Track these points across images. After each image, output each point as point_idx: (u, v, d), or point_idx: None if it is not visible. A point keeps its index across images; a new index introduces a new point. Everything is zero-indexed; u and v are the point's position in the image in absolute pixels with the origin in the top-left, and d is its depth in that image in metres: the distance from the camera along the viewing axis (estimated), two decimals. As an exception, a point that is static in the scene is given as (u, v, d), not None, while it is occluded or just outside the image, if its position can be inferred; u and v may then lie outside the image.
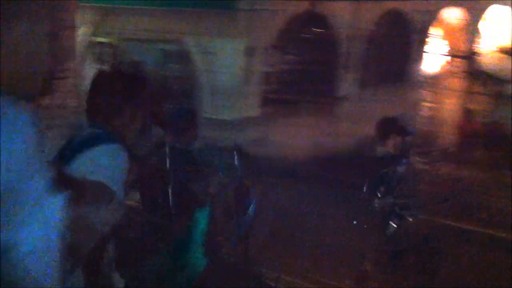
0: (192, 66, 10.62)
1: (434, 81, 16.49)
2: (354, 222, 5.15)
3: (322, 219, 6.72)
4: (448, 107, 16.64)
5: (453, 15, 16.29)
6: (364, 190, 5.08)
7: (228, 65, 10.29)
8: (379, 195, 5.06)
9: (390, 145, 5.82)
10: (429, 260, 5.64)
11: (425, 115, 16.18)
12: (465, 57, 16.63)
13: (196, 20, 10.21)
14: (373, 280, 5.10)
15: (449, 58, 16.82)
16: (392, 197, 5.07)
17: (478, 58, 16.99)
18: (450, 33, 16.73)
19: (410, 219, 4.95)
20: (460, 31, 16.65)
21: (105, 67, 2.87)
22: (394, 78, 14.26)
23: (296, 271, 5.63)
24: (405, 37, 14.51)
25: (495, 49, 18.47)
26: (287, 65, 11.57)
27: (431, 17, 15.15)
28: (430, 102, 16.60)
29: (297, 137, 9.63)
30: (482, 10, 17.15)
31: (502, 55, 18.25)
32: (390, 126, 6.26)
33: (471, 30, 16.78)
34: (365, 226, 5.05)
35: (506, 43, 18.68)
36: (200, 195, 4.39)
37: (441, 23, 16.34)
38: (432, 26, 15.38)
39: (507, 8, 18.12)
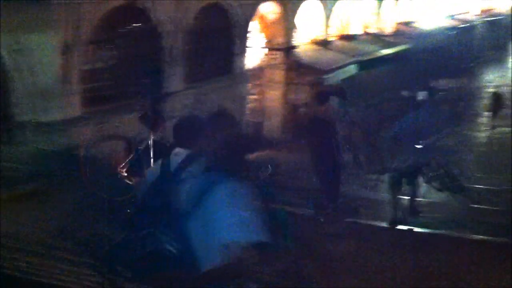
0: (1, 65, 9.59)
1: (256, 74, 16.95)
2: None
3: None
4: (272, 98, 17.23)
5: (271, 9, 16.84)
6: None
7: (42, 63, 9.50)
8: None
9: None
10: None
11: (251, 108, 16.61)
12: (284, 49, 17.29)
13: (4, 13, 9.23)
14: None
15: (269, 51, 17.35)
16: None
17: (296, 50, 17.76)
18: (269, 27, 17.28)
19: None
20: (278, 25, 17.27)
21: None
22: (218, 72, 14.36)
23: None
24: (227, 31, 14.67)
25: (310, 42, 19.49)
26: (107, 61, 11.02)
27: (250, 11, 15.46)
28: (254, 94, 17.05)
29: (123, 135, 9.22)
30: (297, 5, 17.97)
31: (316, 47, 19.34)
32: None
33: (288, 24, 17.47)
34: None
35: (319, 36, 19.84)
36: None
37: (260, 18, 16.81)
38: (252, 20, 15.72)
39: (319, 3, 19.28)
